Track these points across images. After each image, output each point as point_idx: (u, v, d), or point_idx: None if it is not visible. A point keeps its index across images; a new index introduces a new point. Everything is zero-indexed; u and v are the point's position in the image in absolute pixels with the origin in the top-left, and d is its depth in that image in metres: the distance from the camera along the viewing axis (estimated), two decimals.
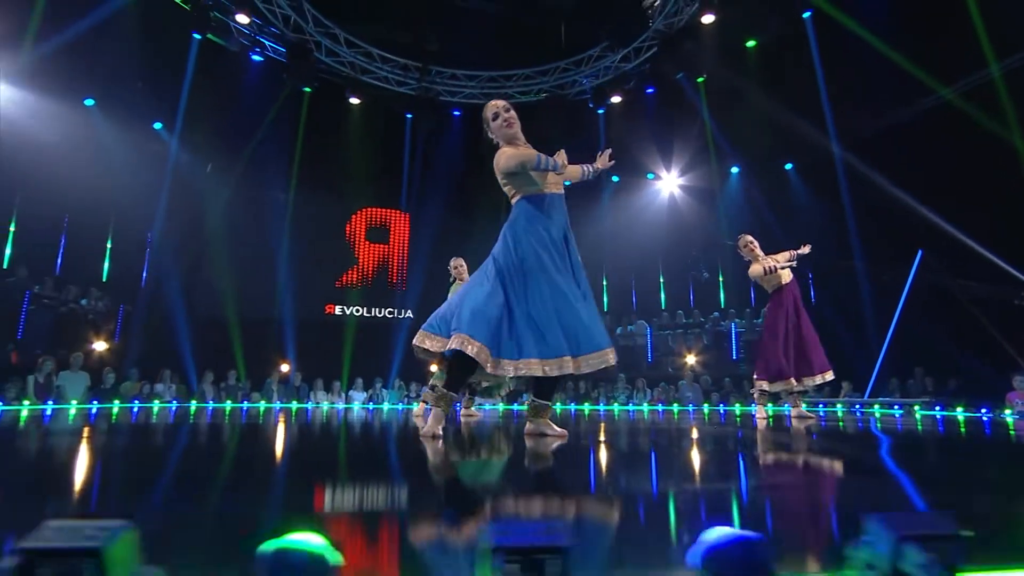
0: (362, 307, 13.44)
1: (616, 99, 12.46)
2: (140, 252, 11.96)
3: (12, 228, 10.90)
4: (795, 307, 6.24)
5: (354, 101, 12.24)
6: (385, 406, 10.65)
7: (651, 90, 12.40)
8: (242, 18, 10.59)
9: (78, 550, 0.68)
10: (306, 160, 12.68)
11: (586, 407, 10.95)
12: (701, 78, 11.63)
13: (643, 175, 14.14)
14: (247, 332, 11.69)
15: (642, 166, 13.93)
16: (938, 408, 8.42)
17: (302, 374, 11.64)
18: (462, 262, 6.90)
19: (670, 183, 14.19)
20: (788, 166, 12.90)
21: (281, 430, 4.84)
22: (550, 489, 2.12)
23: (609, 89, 12.37)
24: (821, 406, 9.71)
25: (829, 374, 6.24)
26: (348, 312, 13.33)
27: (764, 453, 3.42)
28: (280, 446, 3.74)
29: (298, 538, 0.74)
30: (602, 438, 4.16)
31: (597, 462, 2.91)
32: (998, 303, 9.20)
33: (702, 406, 10.80)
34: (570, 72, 12.94)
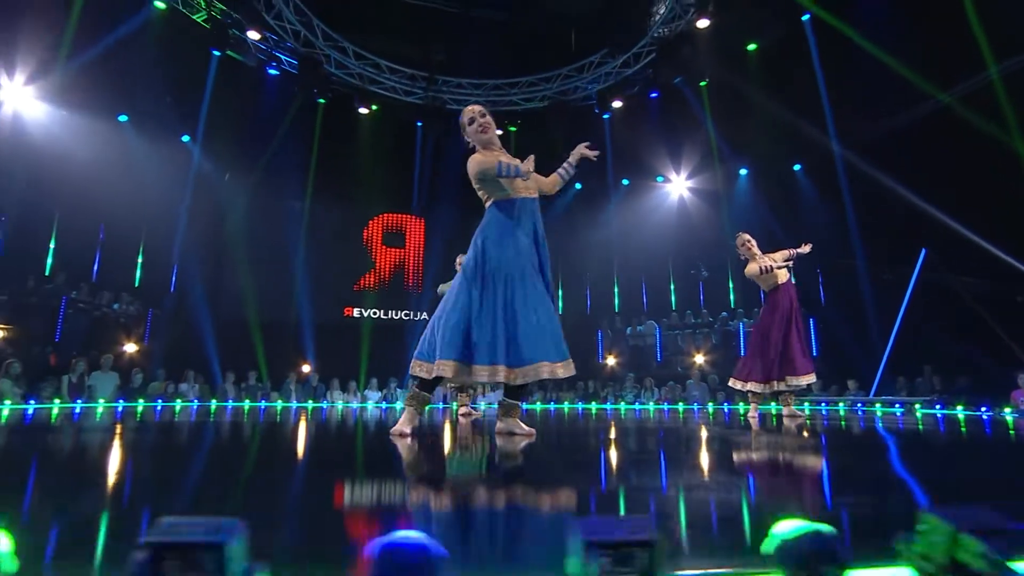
0: (378, 309, 13.67)
1: (617, 104, 12.47)
2: (169, 259, 12.40)
3: (53, 238, 11.45)
4: (791, 308, 6.14)
5: (363, 111, 12.49)
6: (398, 405, 10.83)
7: (655, 94, 12.40)
8: (253, 34, 10.93)
9: (202, 544, 0.69)
10: (321, 169, 12.92)
11: (593, 406, 10.99)
12: (704, 82, 11.59)
13: (652, 178, 14.11)
14: (268, 334, 12.01)
15: (651, 169, 13.91)
16: (938, 406, 8.26)
17: (320, 374, 11.92)
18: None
19: (679, 186, 14.13)
20: (796, 167, 12.76)
21: (319, 428, 5.03)
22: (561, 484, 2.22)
23: (611, 95, 12.40)
24: (824, 404, 9.60)
25: (811, 377, 6.12)
26: (365, 315, 13.58)
27: (755, 450, 3.49)
28: (323, 443, 3.93)
29: (404, 534, 0.75)
30: (612, 436, 4.24)
31: (607, 459, 3.01)
32: (1002, 301, 8.98)
33: (707, 405, 10.73)
34: (572, 78, 12.99)
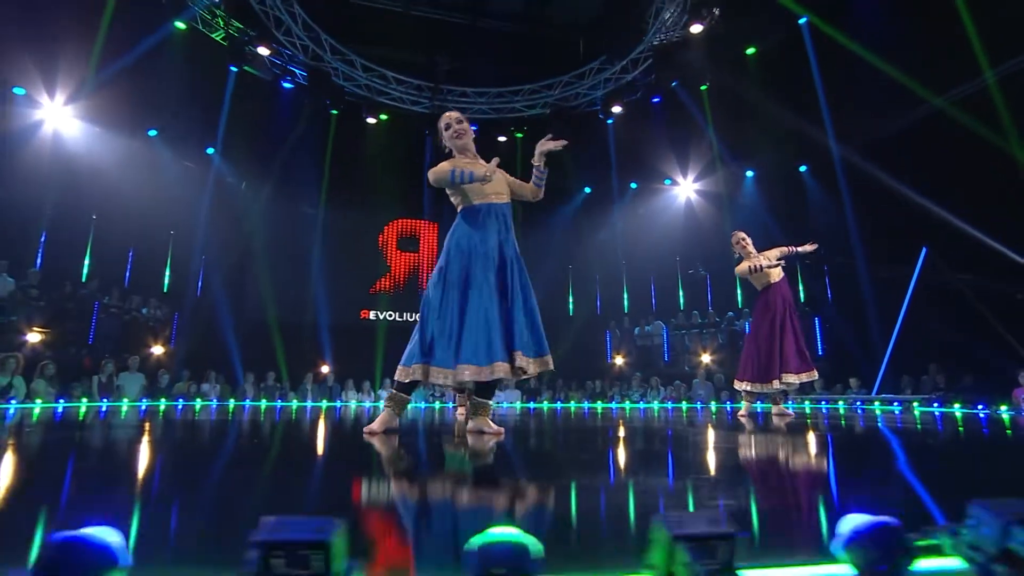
0: (394, 312, 13.89)
1: (617, 109, 12.51)
2: (195, 265, 12.79)
3: (89, 247, 11.91)
4: (783, 306, 6.06)
5: (370, 121, 12.73)
6: (409, 404, 11.03)
7: (657, 99, 12.41)
8: (263, 50, 11.20)
9: (309, 542, 0.70)
10: (335, 177, 13.17)
11: (599, 405, 11.04)
12: (704, 86, 11.58)
13: (660, 181, 14.12)
14: (287, 336, 12.30)
15: (658, 172, 13.93)
16: (936, 404, 8.15)
17: (336, 374, 12.17)
18: None
19: (687, 188, 14.11)
20: (803, 168, 12.65)
21: (335, 426, 5.21)
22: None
23: (612, 100, 12.43)
24: (824, 402, 9.52)
25: (805, 376, 6.01)
26: (381, 317, 13.81)
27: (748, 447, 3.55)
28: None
29: (502, 531, 0.75)
30: (620, 433, 4.33)
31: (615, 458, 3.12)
32: (1005, 299, 8.81)
33: (710, 403, 10.71)
34: (573, 85, 13.05)
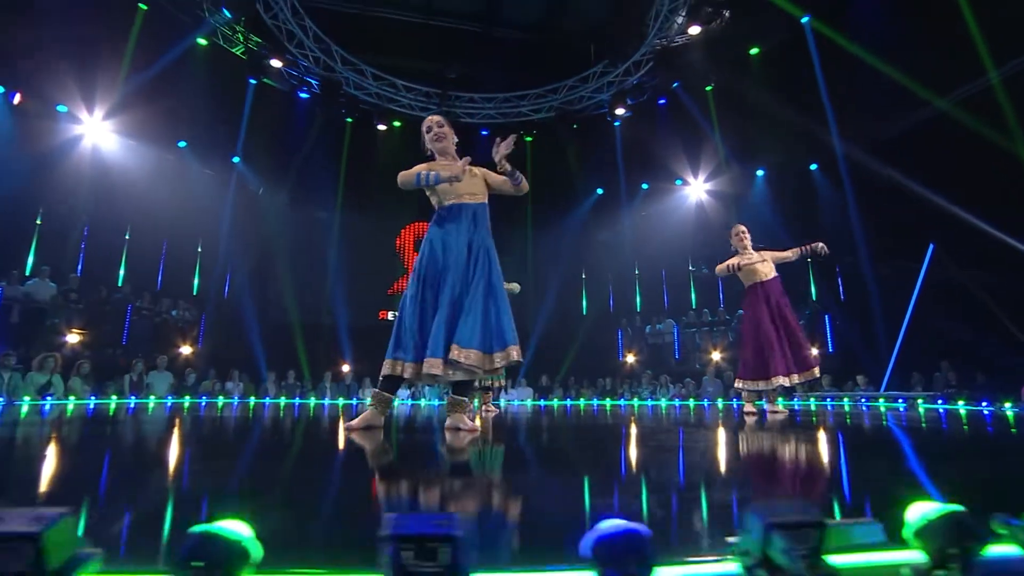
0: None
1: (620, 111, 12.47)
2: (223, 269, 13.21)
3: (124, 253, 12.41)
4: (770, 306, 5.83)
5: (381, 128, 12.94)
6: (422, 402, 11.20)
7: (663, 101, 12.35)
8: (275, 62, 11.51)
9: (437, 536, 0.72)
10: (351, 182, 13.44)
11: (608, 402, 11.03)
12: (709, 87, 11.47)
13: (671, 181, 14.02)
14: (309, 336, 12.60)
15: (669, 173, 13.83)
16: (940, 402, 7.93)
17: (355, 373, 12.41)
18: None
19: (697, 188, 13.98)
20: (813, 167, 12.42)
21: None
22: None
23: (617, 102, 12.39)
24: (830, 400, 9.35)
25: (788, 379, 5.69)
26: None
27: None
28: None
29: (615, 522, 0.74)
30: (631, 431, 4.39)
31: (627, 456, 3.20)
32: (1015, 295, 8.53)
33: (717, 400, 10.60)
34: (577, 89, 13.07)
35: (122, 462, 2.50)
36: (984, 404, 7.31)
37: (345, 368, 12.71)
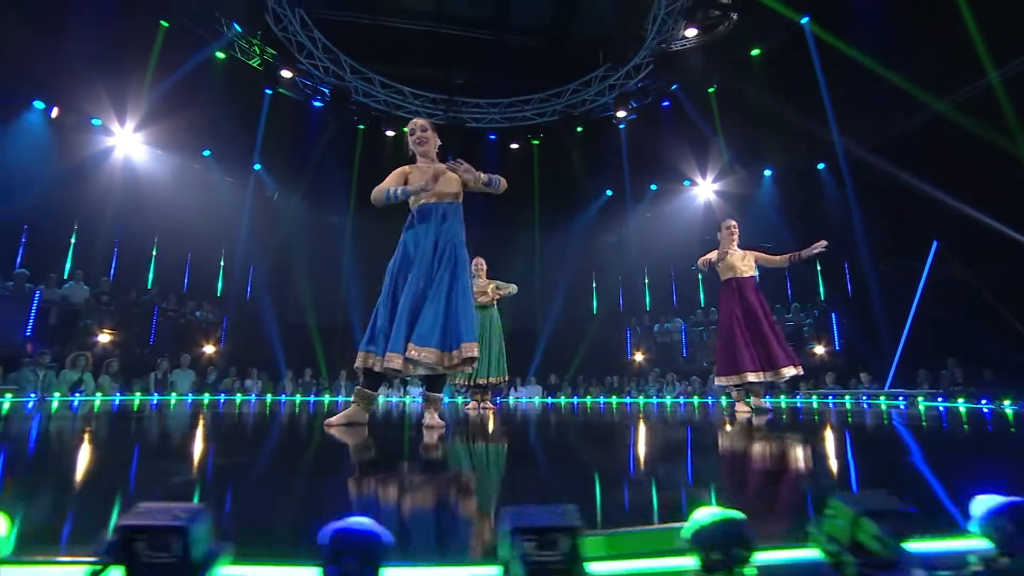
0: None
1: (622, 113, 12.44)
2: (244, 271, 13.57)
3: (153, 257, 12.84)
4: (742, 303, 5.73)
5: (389, 134, 13.12)
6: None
7: (667, 103, 12.29)
8: (286, 73, 11.79)
9: (557, 527, 0.73)
10: (364, 187, 13.51)
11: (614, 400, 11.02)
12: (711, 88, 11.37)
13: (679, 182, 13.94)
14: (325, 336, 12.86)
15: (678, 174, 13.76)
16: (940, 400, 7.75)
17: None
18: (481, 262, 7.12)
19: (706, 189, 13.87)
20: (821, 166, 12.22)
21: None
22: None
23: (620, 105, 12.37)
24: (832, 397, 9.20)
25: (759, 376, 5.55)
26: None
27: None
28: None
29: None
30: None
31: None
32: (1015, 289, 8.29)
33: (721, 398, 10.49)
34: (580, 92, 13.08)
35: (151, 455, 2.66)
36: (984, 402, 7.13)
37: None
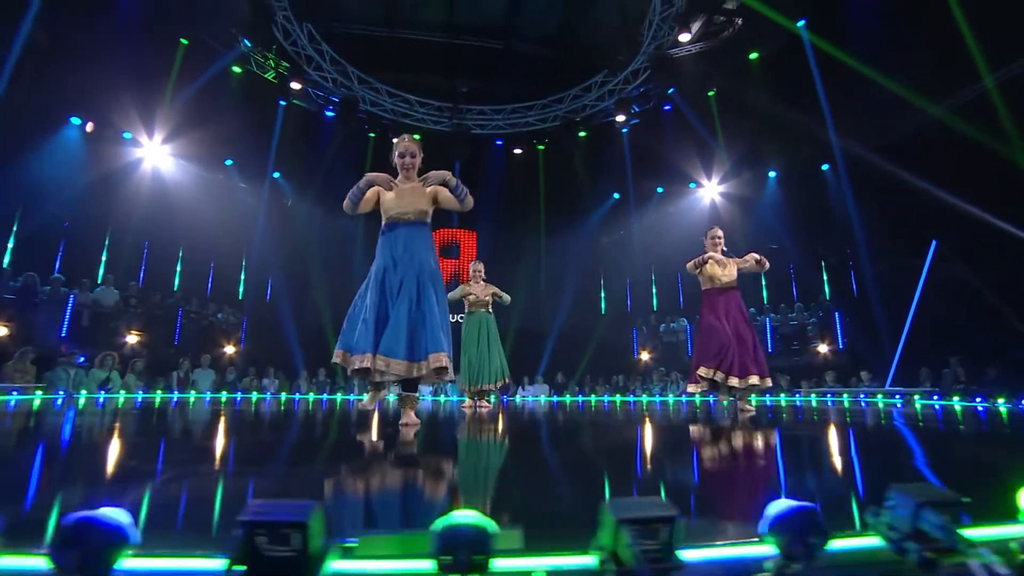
0: None
1: (621, 118, 12.45)
2: (263, 275, 13.96)
3: (179, 262, 13.30)
4: (717, 312, 5.60)
5: (396, 141, 13.21)
6: (442, 398, 11.51)
7: (668, 107, 12.28)
8: (295, 84, 12.11)
9: (660, 518, 0.77)
10: None
11: (618, 399, 11.06)
12: (712, 92, 11.33)
13: (685, 184, 13.91)
14: None
15: (683, 176, 13.73)
16: (936, 398, 7.62)
17: None
18: (480, 267, 7.17)
19: (711, 191, 13.81)
20: (825, 166, 12.06)
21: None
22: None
23: (621, 110, 12.38)
24: (830, 395, 9.11)
25: (732, 380, 5.37)
26: None
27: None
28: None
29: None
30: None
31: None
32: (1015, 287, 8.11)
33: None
34: (581, 98, 13.12)
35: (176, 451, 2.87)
36: (979, 400, 7.00)
37: None
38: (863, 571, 0.90)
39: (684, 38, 10.44)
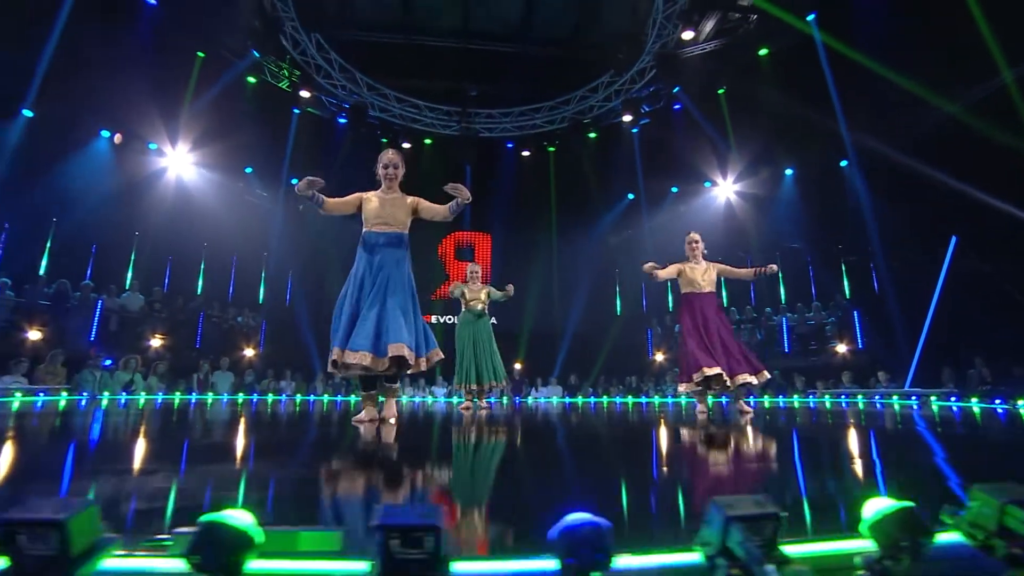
0: (452, 316, 14.47)
1: (628, 118, 12.25)
2: (282, 279, 14.16)
3: (202, 268, 13.58)
4: (695, 317, 5.52)
5: (405, 146, 13.35)
6: (455, 399, 11.47)
7: (678, 106, 12.04)
8: (304, 93, 12.24)
9: (762, 516, 0.80)
10: None
11: (630, 400, 10.89)
12: (721, 90, 11.07)
13: (700, 183, 13.65)
14: None
15: (698, 175, 13.47)
16: (953, 399, 7.29)
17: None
18: (477, 269, 7.19)
19: (726, 189, 13.51)
20: (843, 163, 11.68)
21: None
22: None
23: (629, 110, 12.19)
24: (844, 396, 8.79)
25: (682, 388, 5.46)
26: (441, 320, 14.45)
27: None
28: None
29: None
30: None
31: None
32: None
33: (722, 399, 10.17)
34: (588, 99, 12.97)
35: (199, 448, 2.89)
36: (999, 402, 6.67)
37: None
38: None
39: (688, 36, 10.23)
